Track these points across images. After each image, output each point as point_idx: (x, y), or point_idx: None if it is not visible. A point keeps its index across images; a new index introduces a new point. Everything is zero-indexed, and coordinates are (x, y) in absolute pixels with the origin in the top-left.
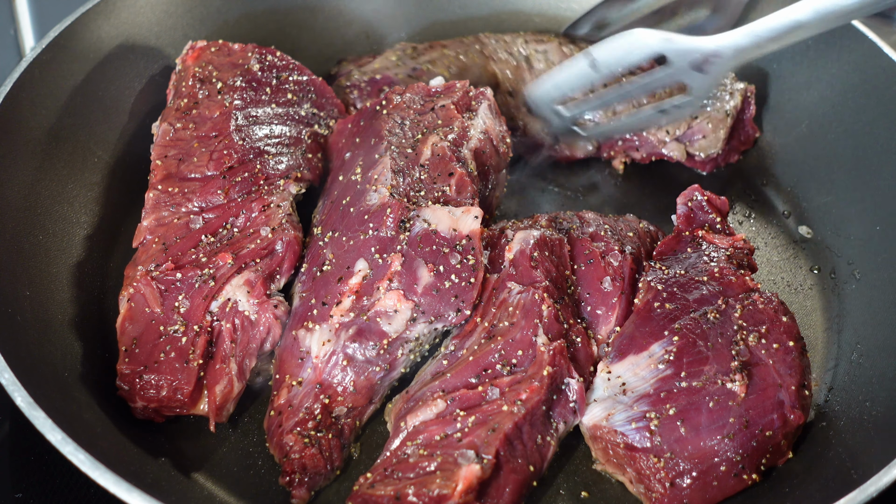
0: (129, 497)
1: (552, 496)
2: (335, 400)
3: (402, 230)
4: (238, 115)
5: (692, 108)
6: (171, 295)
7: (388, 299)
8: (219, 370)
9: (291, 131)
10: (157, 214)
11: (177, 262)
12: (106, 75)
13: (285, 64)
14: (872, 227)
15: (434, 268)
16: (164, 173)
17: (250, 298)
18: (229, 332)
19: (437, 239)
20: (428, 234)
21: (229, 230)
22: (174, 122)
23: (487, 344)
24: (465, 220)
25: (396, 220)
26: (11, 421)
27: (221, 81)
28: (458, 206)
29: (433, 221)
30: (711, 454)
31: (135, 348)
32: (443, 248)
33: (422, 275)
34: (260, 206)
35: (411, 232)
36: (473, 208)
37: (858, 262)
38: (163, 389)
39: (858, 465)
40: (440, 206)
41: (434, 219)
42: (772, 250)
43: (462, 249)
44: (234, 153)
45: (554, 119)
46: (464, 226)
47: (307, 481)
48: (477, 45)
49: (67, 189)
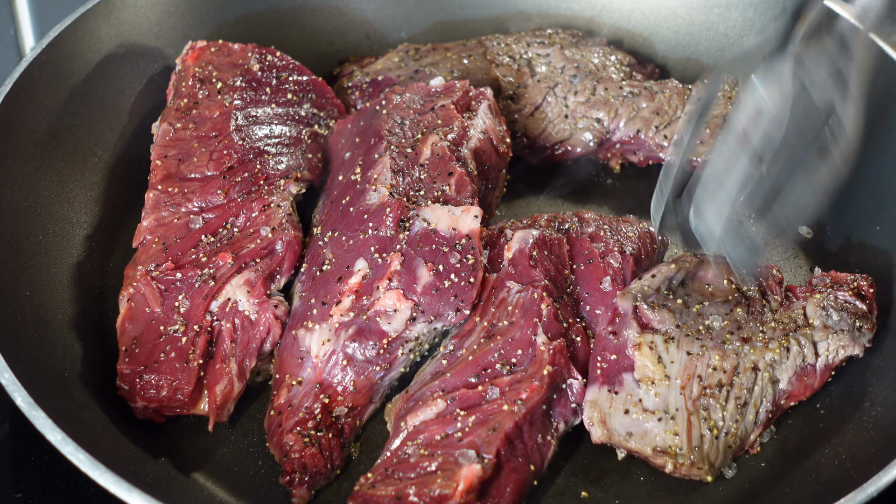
0: (129, 497)
1: (552, 496)
2: (335, 399)
3: (402, 229)
4: (238, 115)
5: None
6: (171, 295)
7: (387, 299)
8: (219, 370)
9: (291, 131)
10: (156, 214)
11: (177, 262)
12: (106, 75)
13: (285, 64)
14: (872, 227)
15: (433, 267)
16: (164, 173)
17: (250, 298)
18: (229, 331)
19: (437, 238)
20: (427, 233)
21: (229, 230)
22: (174, 122)
23: (487, 343)
24: (464, 220)
25: (396, 219)
26: (11, 421)
27: (221, 81)
28: (457, 206)
29: (433, 221)
30: None
31: (135, 348)
32: (442, 248)
33: (421, 274)
34: (260, 205)
35: (411, 231)
36: (473, 207)
37: (858, 262)
38: (163, 389)
39: (858, 465)
40: (440, 206)
41: (434, 218)
42: (772, 250)
43: (462, 249)
44: (234, 153)
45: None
46: (463, 225)
47: (307, 481)
48: (480, 49)
49: (67, 189)
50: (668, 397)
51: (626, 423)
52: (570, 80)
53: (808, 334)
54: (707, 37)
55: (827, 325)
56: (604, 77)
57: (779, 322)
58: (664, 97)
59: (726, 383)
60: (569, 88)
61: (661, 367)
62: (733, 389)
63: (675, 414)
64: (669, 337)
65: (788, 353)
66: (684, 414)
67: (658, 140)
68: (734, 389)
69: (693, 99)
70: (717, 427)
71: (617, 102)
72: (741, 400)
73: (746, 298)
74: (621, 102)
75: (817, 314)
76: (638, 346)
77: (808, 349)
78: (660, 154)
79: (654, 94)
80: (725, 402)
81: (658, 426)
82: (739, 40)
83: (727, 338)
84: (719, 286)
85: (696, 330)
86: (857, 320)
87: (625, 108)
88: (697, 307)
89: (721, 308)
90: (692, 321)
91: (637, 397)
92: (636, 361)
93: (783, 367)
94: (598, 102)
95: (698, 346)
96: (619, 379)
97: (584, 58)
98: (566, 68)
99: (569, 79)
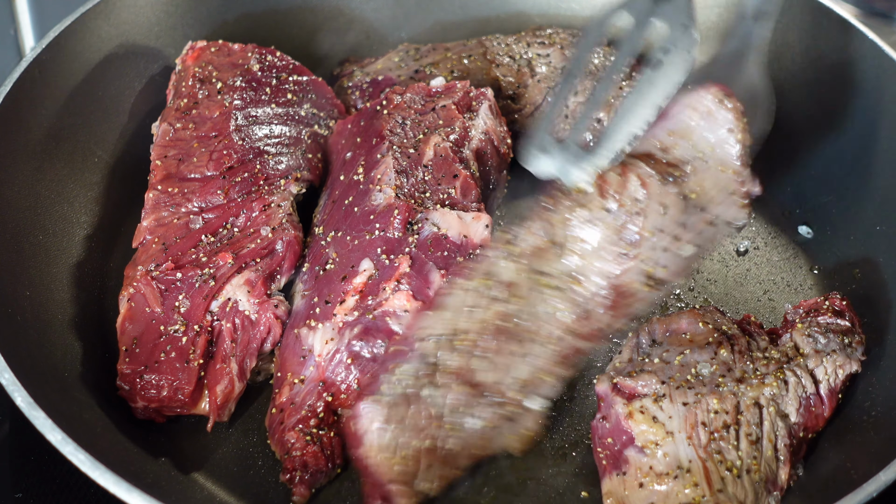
0: (129, 497)
1: (552, 496)
2: (338, 398)
3: (410, 232)
4: (238, 115)
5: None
6: (172, 295)
7: (396, 299)
8: (219, 370)
9: (291, 131)
10: (156, 214)
11: (177, 261)
12: (106, 75)
13: (285, 64)
14: (872, 227)
15: (447, 273)
16: (164, 173)
17: (251, 298)
18: (230, 331)
19: (448, 244)
20: (438, 238)
21: (229, 230)
22: (174, 122)
23: None
24: (475, 228)
25: (404, 221)
26: (11, 421)
27: (221, 81)
28: (464, 209)
29: (443, 226)
30: None
31: (135, 348)
32: (454, 255)
33: (434, 279)
34: (260, 205)
35: (420, 235)
36: (483, 215)
37: (858, 262)
38: (163, 389)
39: (858, 465)
40: (449, 210)
41: (444, 223)
42: (772, 250)
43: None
44: (233, 153)
45: (556, 158)
46: (475, 234)
47: (308, 479)
48: (480, 49)
49: (67, 189)
50: (677, 452)
51: (644, 497)
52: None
53: (802, 364)
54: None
55: (818, 350)
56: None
57: (770, 358)
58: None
59: (732, 423)
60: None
61: (660, 426)
62: (741, 427)
63: (689, 466)
64: (659, 395)
65: (787, 385)
66: (699, 463)
67: None
68: (742, 427)
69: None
70: (736, 466)
71: (617, 103)
72: (752, 436)
73: (728, 337)
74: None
75: (805, 342)
76: (629, 415)
77: (806, 378)
78: None
79: None
80: (737, 441)
81: (676, 484)
82: None
83: (720, 381)
84: (696, 331)
85: (686, 380)
86: (845, 337)
87: None
88: (679, 358)
89: (704, 353)
90: (678, 374)
91: (647, 466)
92: (633, 431)
93: (787, 400)
94: (597, 103)
95: (692, 394)
96: (624, 458)
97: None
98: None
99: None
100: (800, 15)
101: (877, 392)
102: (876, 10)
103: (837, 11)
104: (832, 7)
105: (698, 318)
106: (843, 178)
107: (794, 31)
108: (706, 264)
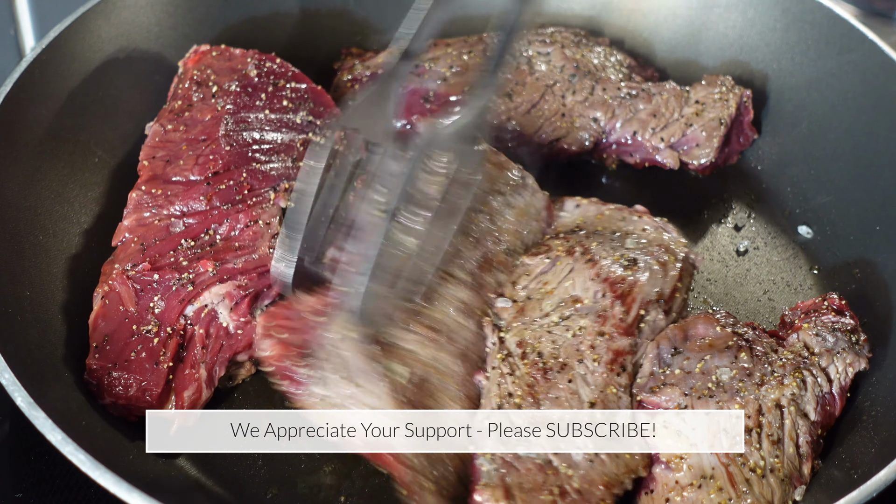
0: (129, 497)
1: None
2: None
3: None
4: (228, 119)
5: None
6: (147, 295)
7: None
8: (188, 375)
9: (283, 138)
10: (138, 215)
11: (154, 263)
12: (106, 75)
13: (283, 71)
14: (872, 227)
15: None
16: (150, 174)
17: (232, 314)
18: (201, 337)
19: None
20: None
21: (211, 237)
22: (166, 123)
23: None
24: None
25: None
26: (11, 421)
27: (217, 85)
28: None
29: None
30: None
31: (106, 345)
32: None
33: None
34: (247, 219)
35: None
36: None
37: (858, 262)
38: (131, 388)
39: (858, 465)
40: None
41: None
42: (772, 250)
43: None
44: (220, 159)
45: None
46: None
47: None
48: (480, 45)
49: (67, 189)
50: (700, 462)
51: None
52: (569, 79)
53: (815, 363)
54: (707, 37)
55: (829, 349)
56: (602, 77)
57: (787, 359)
58: (661, 99)
59: (754, 426)
60: (567, 87)
61: (684, 439)
62: (763, 430)
63: (712, 473)
64: (681, 407)
65: (805, 384)
66: (721, 469)
67: (654, 143)
68: (764, 429)
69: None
70: (760, 467)
71: (615, 103)
72: (773, 437)
73: (746, 340)
74: (619, 103)
75: (815, 342)
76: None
77: (821, 377)
78: (656, 157)
79: (651, 96)
80: (759, 443)
81: (701, 493)
82: (739, 40)
83: (740, 386)
84: (715, 335)
85: (707, 388)
86: (852, 335)
87: (622, 109)
88: (700, 365)
89: (724, 358)
90: (699, 382)
91: (673, 480)
92: (658, 446)
93: (806, 400)
94: (595, 102)
95: (713, 403)
96: (651, 476)
97: (584, 58)
98: (565, 67)
99: (567, 78)
100: (800, 15)
101: (877, 392)
102: (876, 10)
103: (837, 11)
104: (832, 7)
105: (713, 321)
106: (843, 178)
107: (794, 31)
108: (706, 264)
